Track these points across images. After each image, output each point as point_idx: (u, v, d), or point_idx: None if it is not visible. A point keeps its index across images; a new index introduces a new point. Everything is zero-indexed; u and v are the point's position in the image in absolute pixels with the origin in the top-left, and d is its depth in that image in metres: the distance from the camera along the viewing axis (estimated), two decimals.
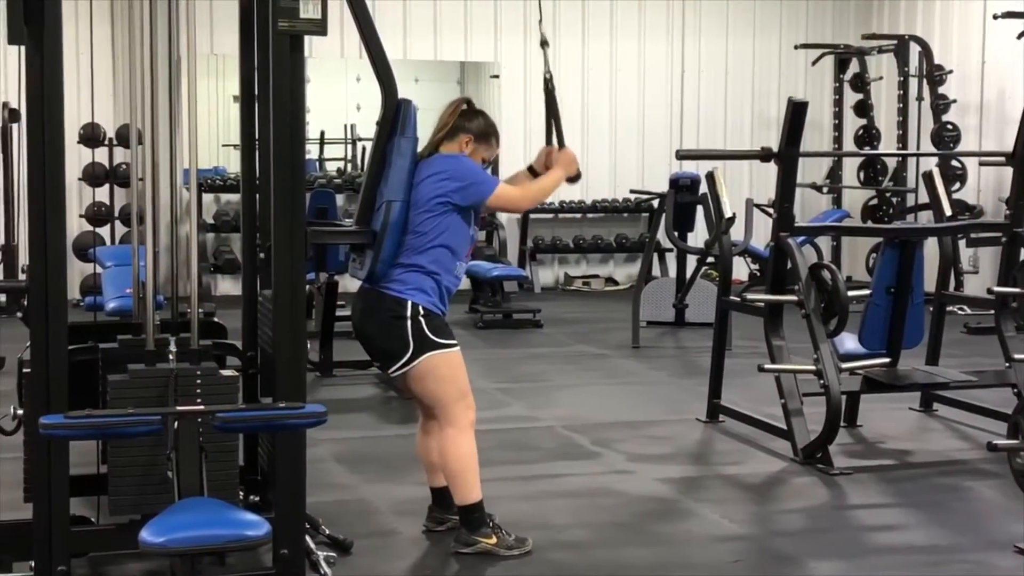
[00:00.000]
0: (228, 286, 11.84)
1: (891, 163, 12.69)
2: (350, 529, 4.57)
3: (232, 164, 12.02)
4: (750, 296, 6.60)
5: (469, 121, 4.48)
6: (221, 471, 3.89)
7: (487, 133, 4.51)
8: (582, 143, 13.19)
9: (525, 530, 4.57)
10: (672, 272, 10.90)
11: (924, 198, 9.03)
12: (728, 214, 7.62)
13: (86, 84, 5.45)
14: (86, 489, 4.24)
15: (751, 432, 6.33)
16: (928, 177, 6.93)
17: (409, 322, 4.28)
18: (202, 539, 3.28)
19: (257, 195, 4.52)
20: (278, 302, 4.01)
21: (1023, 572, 4.35)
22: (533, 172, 4.66)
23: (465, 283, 10.57)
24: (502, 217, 12.61)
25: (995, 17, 11.22)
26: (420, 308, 4.30)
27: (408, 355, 4.29)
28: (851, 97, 13.10)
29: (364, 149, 12.79)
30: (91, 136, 10.59)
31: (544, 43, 4.88)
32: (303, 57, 4.03)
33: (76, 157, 10.69)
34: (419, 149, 4.42)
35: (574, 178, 4.66)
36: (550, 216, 13.23)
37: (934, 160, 11.11)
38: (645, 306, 9.87)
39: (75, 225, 10.92)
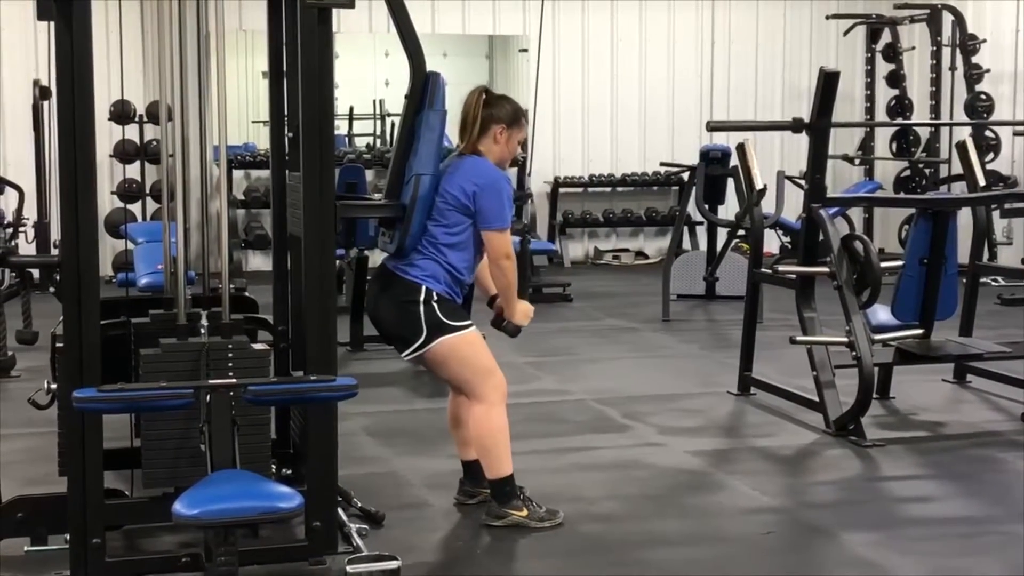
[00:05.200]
0: (259, 262, 11.89)
1: (924, 134, 12.59)
2: (382, 502, 4.59)
3: (262, 140, 12.06)
4: (782, 268, 6.56)
5: (496, 109, 4.46)
6: (253, 444, 3.92)
7: (516, 116, 4.50)
8: (611, 116, 13.17)
9: (556, 503, 4.58)
10: (703, 245, 10.86)
11: (957, 169, 8.95)
12: (759, 186, 7.58)
13: (116, 61, 5.47)
14: (119, 463, 4.27)
15: (783, 404, 6.31)
16: (961, 147, 6.86)
17: (422, 307, 4.29)
18: (235, 511, 3.30)
19: (287, 171, 4.53)
20: (309, 277, 4.03)
21: None
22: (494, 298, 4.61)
23: None
24: (532, 190, 12.59)
25: None
26: (434, 294, 4.30)
27: (421, 339, 4.30)
28: (883, 67, 13.00)
29: (393, 124, 12.79)
30: (121, 113, 10.65)
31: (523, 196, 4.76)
32: (331, 31, 4.02)
33: (107, 134, 10.75)
34: (452, 140, 4.41)
35: (515, 329, 4.55)
36: (579, 190, 13.20)
37: (967, 130, 11.01)
38: (675, 279, 9.84)
39: (106, 202, 10.99)
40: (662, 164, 12.40)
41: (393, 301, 4.35)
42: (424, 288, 4.30)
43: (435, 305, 4.29)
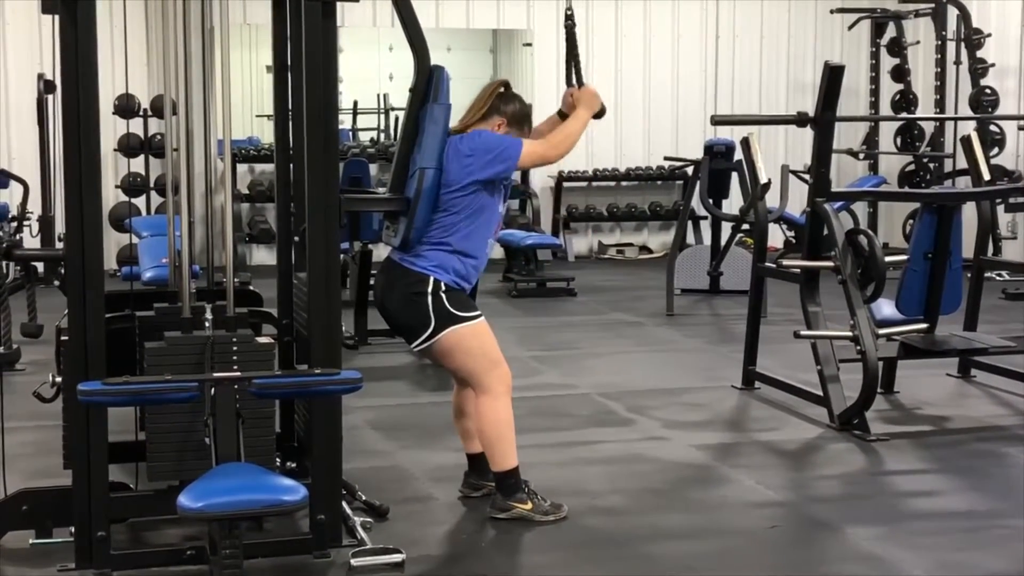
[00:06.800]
0: (263, 256, 11.91)
1: (928, 128, 12.57)
2: (386, 495, 4.60)
3: (266, 134, 12.06)
4: (786, 262, 6.55)
5: (505, 104, 4.47)
6: (258, 437, 3.92)
7: (521, 119, 4.50)
8: (615, 110, 13.13)
9: (560, 496, 4.58)
10: (707, 239, 10.86)
11: (962, 163, 8.94)
12: (763, 180, 7.57)
13: (120, 55, 5.48)
14: (124, 456, 4.27)
15: (787, 399, 6.31)
16: (966, 142, 6.85)
17: (430, 297, 4.29)
18: (240, 504, 3.31)
19: (291, 164, 4.53)
20: (313, 271, 4.03)
21: None
22: (562, 116, 4.63)
23: (498, 252, 10.59)
24: (535, 186, 12.60)
25: None
26: (442, 284, 4.30)
27: (430, 330, 4.30)
28: (888, 62, 12.98)
29: (397, 119, 12.79)
30: (126, 107, 10.63)
31: None
32: (335, 26, 4.03)
33: (111, 128, 10.74)
34: (452, 123, 4.41)
35: (599, 113, 4.61)
36: (584, 184, 13.19)
37: (972, 125, 10.99)
38: (679, 274, 9.83)
39: (111, 196, 11.00)
40: (666, 158, 12.39)
41: (401, 293, 4.35)
42: (432, 279, 4.30)
43: (443, 296, 4.30)
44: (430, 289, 4.29)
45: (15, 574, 3.92)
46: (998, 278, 10.31)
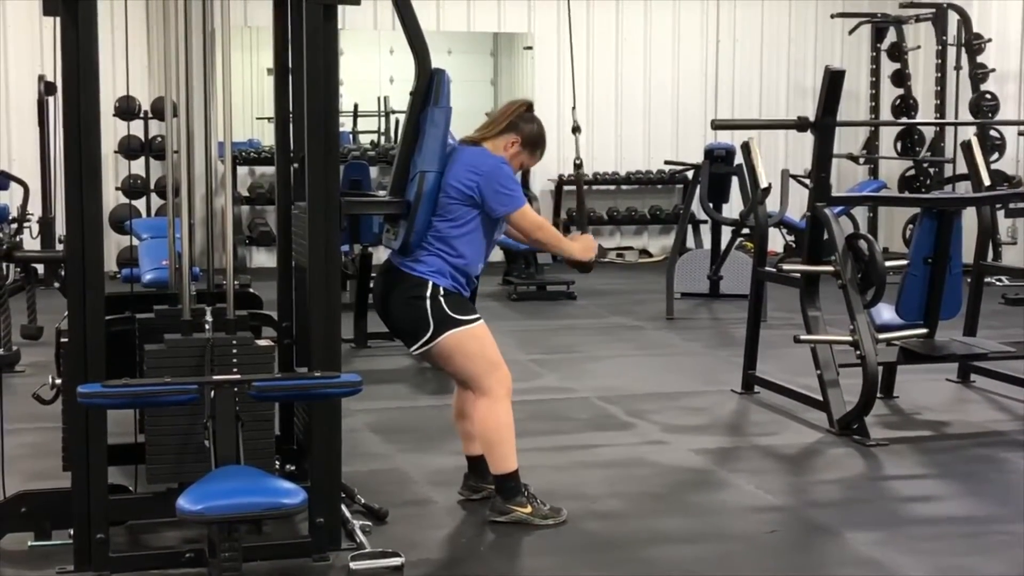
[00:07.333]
0: (263, 258, 11.90)
1: (928, 133, 12.58)
2: (385, 498, 4.60)
3: (266, 137, 12.06)
4: (786, 267, 6.55)
5: (525, 124, 4.48)
6: (257, 440, 3.92)
7: (535, 143, 4.51)
8: (616, 114, 13.15)
9: (560, 500, 4.58)
10: (707, 244, 10.85)
11: (962, 168, 8.95)
12: (763, 185, 7.57)
13: (121, 57, 5.48)
14: (124, 458, 4.28)
15: (786, 403, 6.31)
16: (966, 147, 6.85)
17: (428, 301, 4.29)
18: (239, 507, 3.31)
19: (292, 167, 4.53)
20: (313, 273, 4.03)
21: None
22: None
23: (498, 255, 10.58)
24: (536, 189, 12.60)
25: None
26: (440, 288, 4.31)
27: (429, 334, 4.30)
28: (888, 66, 12.99)
29: (397, 121, 12.78)
30: (126, 109, 10.65)
31: (576, 129, 4.84)
32: (336, 28, 4.03)
33: (111, 130, 10.75)
34: (468, 132, 4.42)
35: (584, 266, 4.68)
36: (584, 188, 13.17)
37: (972, 130, 10.99)
38: (679, 278, 9.83)
39: (111, 197, 11.00)
40: (666, 162, 12.39)
41: (400, 297, 4.35)
42: (430, 283, 4.30)
43: (441, 300, 4.30)
44: (428, 293, 4.30)
45: None
46: (998, 283, 10.32)
